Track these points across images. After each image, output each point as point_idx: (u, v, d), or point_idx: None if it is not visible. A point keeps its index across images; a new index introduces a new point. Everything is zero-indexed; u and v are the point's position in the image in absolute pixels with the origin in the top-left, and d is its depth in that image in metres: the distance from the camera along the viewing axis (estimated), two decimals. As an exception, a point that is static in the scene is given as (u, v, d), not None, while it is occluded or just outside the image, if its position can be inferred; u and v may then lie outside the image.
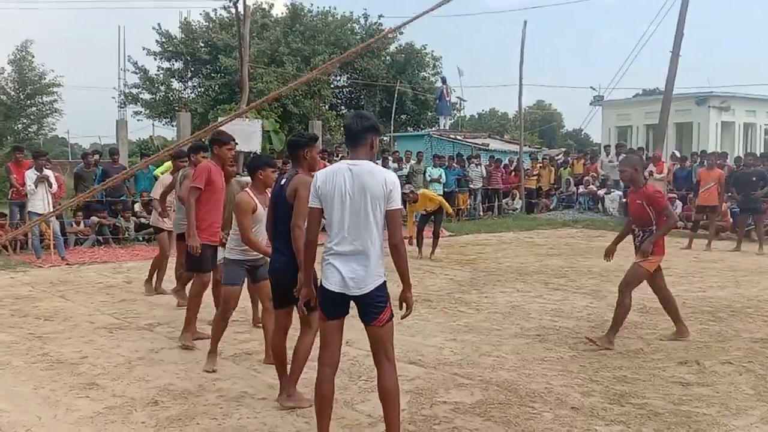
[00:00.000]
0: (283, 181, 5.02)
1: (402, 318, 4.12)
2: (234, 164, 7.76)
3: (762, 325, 7.46)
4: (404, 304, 4.08)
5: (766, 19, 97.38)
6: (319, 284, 4.15)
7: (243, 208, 5.68)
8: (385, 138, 33.47)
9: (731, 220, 16.00)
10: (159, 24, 32.96)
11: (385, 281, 4.03)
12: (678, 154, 21.37)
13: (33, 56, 31.11)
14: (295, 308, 4.82)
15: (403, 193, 8.50)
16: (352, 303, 4.07)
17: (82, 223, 14.31)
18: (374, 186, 3.95)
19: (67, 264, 11.76)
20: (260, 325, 6.49)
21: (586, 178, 21.13)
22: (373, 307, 3.99)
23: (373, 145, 4.14)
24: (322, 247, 4.09)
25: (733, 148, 29.65)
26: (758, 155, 16.91)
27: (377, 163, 4.34)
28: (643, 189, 6.65)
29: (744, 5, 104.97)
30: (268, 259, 5.29)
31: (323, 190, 4.03)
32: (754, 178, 13.85)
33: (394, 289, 4.04)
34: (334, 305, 4.05)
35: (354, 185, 3.97)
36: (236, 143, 7.17)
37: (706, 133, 30.67)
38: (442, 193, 17.15)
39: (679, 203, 18.00)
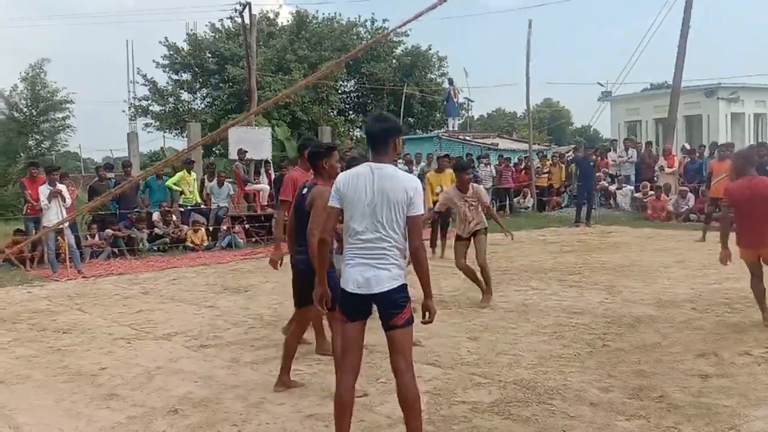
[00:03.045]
0: (305, 191, 5.45)
1: (423, 323, 4.11)
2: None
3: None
4: (427, 313, 4.07)
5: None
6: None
7: None
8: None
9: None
10: (166, 37, 33.24)
11: (405, 284, 4.02)
12: (688, 147, 21.26)
13: (46, 73, 31.40)
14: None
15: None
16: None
17: (96, 236, 14.41)
18: (396, 191, 3.95)
19: (84, 277, 11.84)
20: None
21: (598, 174, 21.04)
22: (393, 306, 3.97)
23: (396, 146, 4.13)
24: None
25: (744, 138, 29.46)
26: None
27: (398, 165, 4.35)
28: None
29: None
30: None
31: (344, 192, 4.04)
32: None
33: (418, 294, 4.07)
34: (353, 306, 4.04)
35: (375, 189, 3.97)
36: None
37: (716, 125, 30.50)
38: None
39: (691, 196, 17.93)
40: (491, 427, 4.60)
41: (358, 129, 36.83)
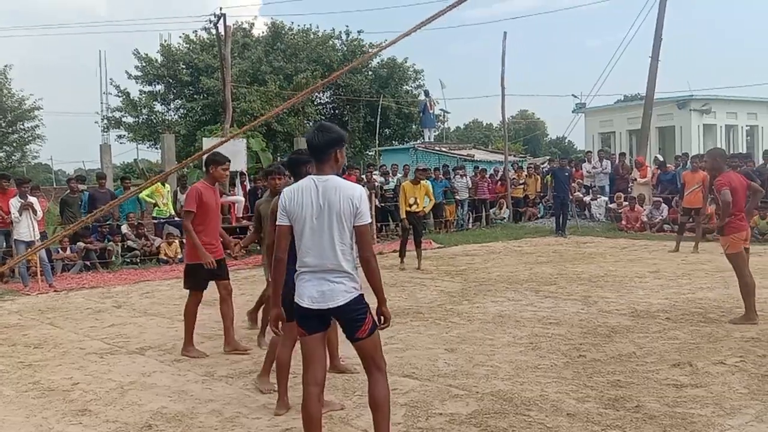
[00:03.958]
0: None
1: (379, 329, 4.10)
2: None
3: (752, 325, 7.49)
4: (382, 318, 4.07)
5: (743, 20, 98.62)
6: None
7: None
8: (370, 152, 33.60)
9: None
10: (137, 49, 33.01)
11: (361, 294, 4.01)
12: (661, 158, 21.52)
13: (10, 81, 30.99)
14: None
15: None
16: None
17: (68, 248, 14.21)
18: (342, 202, 3.92)
19: (55, 291, 11.66)
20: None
21: (573, 185, 21.20)
22: (354, 320, 3.97)
23: (338, 158, 4.08)
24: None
25: (716, 150, 29.82)
26: (743, 154, 17.05)
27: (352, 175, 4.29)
28: None
29: (720, 8, 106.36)
30: None
31: (290, 208, 4.01)
32: None
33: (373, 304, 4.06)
34: (309, 320, 4.03)
35: (322, 202, 3.94)
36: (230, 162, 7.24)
37: (689, 136, 30.94)
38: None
39: (665, 206, 18.13)
40: (469, 440, 4.58)
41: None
